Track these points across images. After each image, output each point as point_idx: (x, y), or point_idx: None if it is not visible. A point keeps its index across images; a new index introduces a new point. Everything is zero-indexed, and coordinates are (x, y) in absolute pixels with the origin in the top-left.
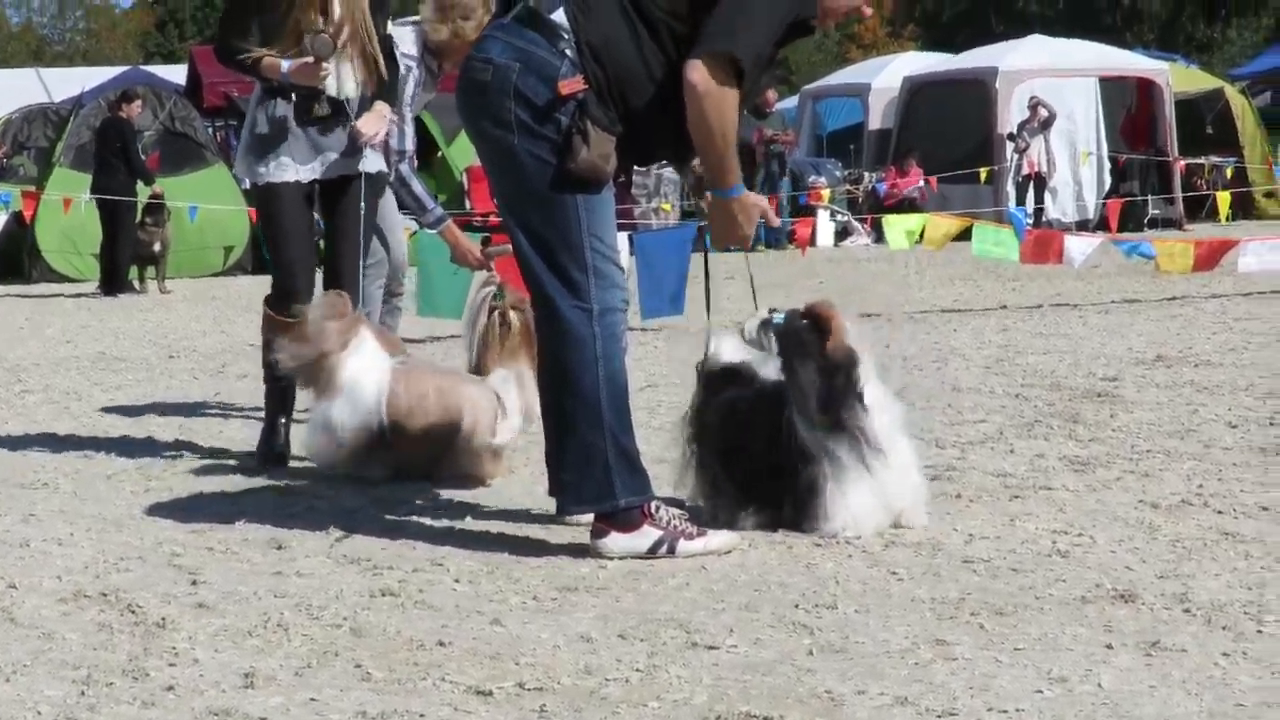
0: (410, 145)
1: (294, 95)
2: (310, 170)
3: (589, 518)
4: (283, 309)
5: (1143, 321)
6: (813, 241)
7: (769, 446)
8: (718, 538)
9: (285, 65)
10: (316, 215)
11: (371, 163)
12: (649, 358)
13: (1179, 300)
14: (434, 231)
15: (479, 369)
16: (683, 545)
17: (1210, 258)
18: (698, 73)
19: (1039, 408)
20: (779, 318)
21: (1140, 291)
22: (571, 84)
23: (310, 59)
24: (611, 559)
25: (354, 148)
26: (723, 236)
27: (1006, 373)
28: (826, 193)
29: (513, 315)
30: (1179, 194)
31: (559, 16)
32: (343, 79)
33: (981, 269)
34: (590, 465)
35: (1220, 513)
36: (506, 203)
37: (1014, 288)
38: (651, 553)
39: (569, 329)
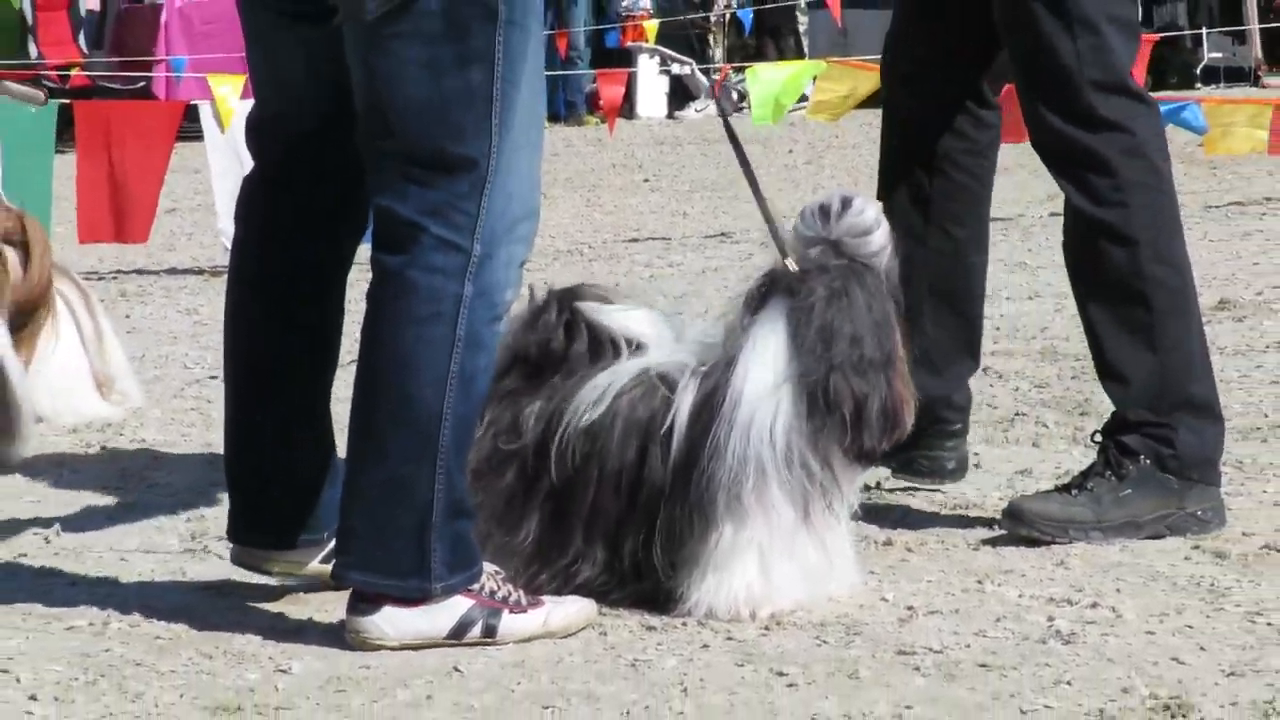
0: None
1: None
2: None
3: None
4: None
5: (1194, 243)
6: (628, 109)
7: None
8: (564, 609)
9: None
10: None
11: None
12: None
13: (1255, 206)
14: None
15: None
16: (509, 623)
17: None
18: None
19: (1021, 390)
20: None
21: (1191, 190)
22: None
23: None
24: (386, 647)
25: None
26: None
27: None
28: (652, 26)
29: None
30: (1254, 26)
31: None
32: None
33: None
34: (399, 519)
35: None
36: None
37: None
38: (456, 636)
39: (413, 280)
